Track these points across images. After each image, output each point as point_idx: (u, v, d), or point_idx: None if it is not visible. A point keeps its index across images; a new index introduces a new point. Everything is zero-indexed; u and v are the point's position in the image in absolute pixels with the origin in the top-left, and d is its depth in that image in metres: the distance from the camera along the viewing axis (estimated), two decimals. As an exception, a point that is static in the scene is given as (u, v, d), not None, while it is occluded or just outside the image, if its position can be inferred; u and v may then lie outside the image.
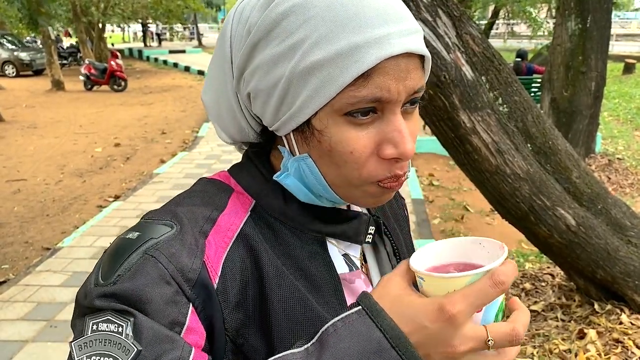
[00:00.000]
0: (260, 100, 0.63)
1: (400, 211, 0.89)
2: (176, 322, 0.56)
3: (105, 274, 0.57)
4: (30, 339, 3.32)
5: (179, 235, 0.60)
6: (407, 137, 0.60)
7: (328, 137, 0.60)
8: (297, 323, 0.63)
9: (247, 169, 0.72)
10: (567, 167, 2.92)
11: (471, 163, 2.76)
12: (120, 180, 6.92)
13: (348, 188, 0.64)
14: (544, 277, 3.73)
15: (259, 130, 0.69)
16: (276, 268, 0.64)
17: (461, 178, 6.24)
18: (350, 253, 0.74)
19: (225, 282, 0.61)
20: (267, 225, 0.68)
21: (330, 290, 0.68)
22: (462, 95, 2.54)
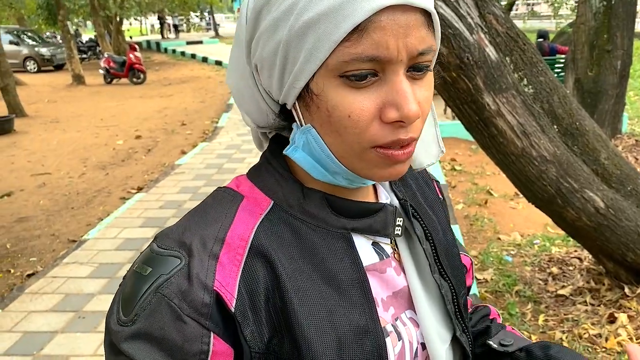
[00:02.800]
0: (266, 70, 0.61)
1: (433, 195, 0.85)
2: (200, 352, 0.58)
3: (125, 310, 0.59)
4: (59, 329, 3.37)
5: (187, 268, 0.59)
6: (410, 98, 0.56)
7: (325, 101, 0.57)
8: (321, 327, 0.61)
9: (264, 169, 0.70)
10: (595, 148, 2.85)
11: (496, 146, 2.71)
12: (143, 172, 6.97)
13: (351, 158, 0.60)
14: (571, 261, 3.67)
15: (277, 110, 0.66)
16: (295, 272, 0.62)
17: (484, 162, 6.16)
18: (380, 240, 0.71)
19: (244, 301, 0.59)
20: (286, 225, 0.65)
21: (356, 287, 0.65)
22: (486, 77, 2.48)
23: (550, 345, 0.79)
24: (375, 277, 0.68)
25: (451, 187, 5.69)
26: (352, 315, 0.63)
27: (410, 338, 0.70)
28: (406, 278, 0.72)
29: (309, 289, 0.62)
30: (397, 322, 0.69)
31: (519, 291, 3.47)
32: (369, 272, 0.68)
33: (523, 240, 4.26)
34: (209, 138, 8.71)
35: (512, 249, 4.11)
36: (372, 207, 0.68)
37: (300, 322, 0.60)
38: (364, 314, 0.64)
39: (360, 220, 0.67)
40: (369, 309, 0.64)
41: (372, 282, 0.67)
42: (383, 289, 0.69)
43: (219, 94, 13.14)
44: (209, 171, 6.79)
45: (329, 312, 0.62)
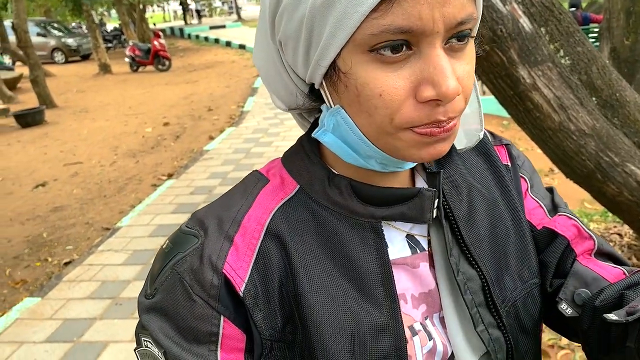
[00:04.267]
0: (290, 47, 0.57)
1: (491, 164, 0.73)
2: (210, 334, 0.58)
3: (149, 284, 0.62)
4: (97, 316, 3.43)
5: (200, 247, 0.59)
6: (448, 74, 0.50)
7: (354, 79, 0.52)
8: (337, 321, 0.58)
9: (295, 152, 0.68)
10: (636, 120, 2.74)
11: (532, 121, 2.62)
12: (172, 159, 7.03)
13: (384, 140, 0.55)
14: (611, 237, 3.56)
15: (307, 90, 0.61)
16: (311, 260, 0.60)
17: (516, 137, 6.01)
18: (415, 233, 0.66)
19: (255, 286, 0.59)
20: (308, 210, 0.62)
21: (378, 281, 0.60)
22: (521, 50, 2.39)
23: None
24: (405, 272, 0.64)
25: (483, 164, 5.58)
26: (371, 311, 0.59)
27: (442, 340, 0.64)
28: (435, 272, 0.65)
29: (323, 280, 0.60)
30: (426, 321, 0.64)
31: (557, 269, 3.39)
32: (398, 266, 0.63)
33: (559, 216, 4.15)
34: (235, 123, 8.72)
35: (549, 226, 4.01)
36: (405, 193, 0.61)
37: (313, 313, 0.58)
38: (383, 311, 0.60)
39: (391, 208, 0.61)
40: (390, 306, 0.60)
41: (401, 277, 0.63)
42: (415, 285, 0.64)
43: (243, 78, 13.13)
44: (237, 156, 6.81)
45: (344, 307, 0.59)
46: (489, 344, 0.64)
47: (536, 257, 0.71)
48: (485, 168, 0.73)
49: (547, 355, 2.66)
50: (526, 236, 0.71)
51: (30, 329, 3.35)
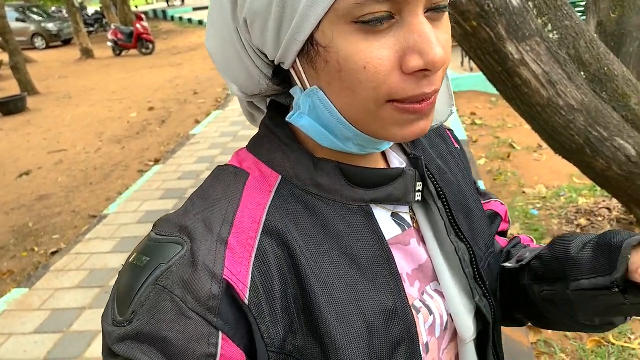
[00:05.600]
0: (258, 25, 0.52)
1: (446, 146, 0.77)
2: (206, 355, 0.49)
3: (121, 308, 0.51)
4: (86, 305, 3.40)
5: (190, 255, 0.51)
6: (434, 41, 0.48)
7: (335, 52, 0.49)
8: (348, 316, 0.54)
9: (266, 139, 0.62)
10: (624, 94, 2.72)
11: (520, 97, 2.60)
12: (158, 144, 6.94)
13: (365, 119, 0.53)
14: (599, 212, 3.57)
15: (270, 73, 0.58)
16: (315, 254, 0.55)
17: (505, 114, 6.01)
18: (399, 210, 0.65)
19: (258, 291, 0.52)
20: (299, 201, 0.58)
21: (380, 265, 0.58)
22: (508, 24, 2.35)
23: (555, 241, 0.73)
24: (399, 251, 0.63)
25: (472, 141, 5.57)
26: (379, 297, 0.57)
27: (439, 311, 0.65)
28: (426, 247, 0.66)
29: (331, 273, 0.55)
30: (424, 296, 0.64)
31: (547, 245, 3.40)
32: (393, 246, 0.61)
33: (548, 192, 4.16)
34: (221, 106, 8.63)
35: (538, 202, 4.02)
36: (390, 173, 0.61)
37: (322, 312, 0.53)
38: (391, 295, 0.58)
39: (378, 190, 0.60)
40: (396, 288, 0.58)
41: (397, 256, 0.61)
42: (408, 262, 0.64)
43: (228, 60, 12.95)
44: (224, 139, 6.74)
45: (354, 297, 0.55)
46: (486, 311, 0.68)
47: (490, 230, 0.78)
48: (445, 150, 0.76)
49: (538, 331, 2.68)
50: (484, 212, 0.77)
51: (18, 320, 3.32)
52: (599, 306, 0.66)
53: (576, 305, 0.68)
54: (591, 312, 0.69)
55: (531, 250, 0.77)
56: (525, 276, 0.74)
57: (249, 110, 0.68)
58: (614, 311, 0.66)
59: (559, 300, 0.70)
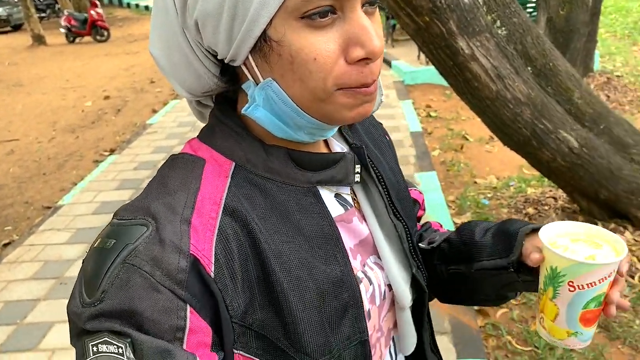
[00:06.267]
0: (211, 26, 0.56)
1: (380, 137, 0.86)
2: (176, 328, 0.52)
3: (90, 291, 0.52)
4: (41, 297, 3.35)
5: (156, 233, 0.54)
6: (373, 34, 0.55)
7: (287, 46, 0.54)
8: (302, 284, 0.61)
9: (218, 129, 0.66)
10: (568, 88, 2.86)
11: (471, 91, 2.70)
12: (114, 133, 6.82)
13: (318, 104, 0.58)
14: (546, 201, 3.73)
15: (218, 72, 0.62)
16: (270, 231, 0.60)
17: (459, 107, 6.16)
18: (341, 192, 0.71)
19: (222, 266, 0.56)
20: (253, 185, 0.62)
21: (329, 240, 0.65)
22: (460, 21, 2.44)
23: (461, 227, 0.86)
24: (343, 228, 0.69)
25: (427, 133, 5.70)
26: (329, 268, 0.63)
27: (378, 281, 0.72)
28: (367, 225, 0.73)
29: (286, 249, 0.61)
30: (365, 268, 0.71)
31: (497, 233, 3.54)
32: (338, 223, 0.68)
33: (499, 182, 4.32)
34: (179, 95, 8.52)
35: (489, 192, 4.17)
36: (332, 157, 0.67)
37: (280, 282, 0.59)
38: (338, 266, 0.64)
39: (323, 172, 0.66)
40: (343, 260, 0.65)
41: (341, 232, 0.68)
42: (351, 238, 0.70)
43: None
44: (182, 129, 6.68)
45: (308, 269, 0.61)
46: (422, 281, 0.77)
47: None
48: (380, 140, 0.84)
49: (487, 315, 2.80)
50: (410, 197, 0.86)
51: (-31, 313, 3.24)
52: (497, 283, 0.79)
53: (478, 282, 0.81)
54: (490, 289, 0.81)
55: (441, 234, 0.89)
56: (435, 257, 0.86)
57: (198, 109, 0.72)
58: (509, 288, 0.80)
59: (463, 278, 0.82)
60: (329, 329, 0.62)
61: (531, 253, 0.70)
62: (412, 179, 4.48)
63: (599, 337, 2.58)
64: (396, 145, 4.63)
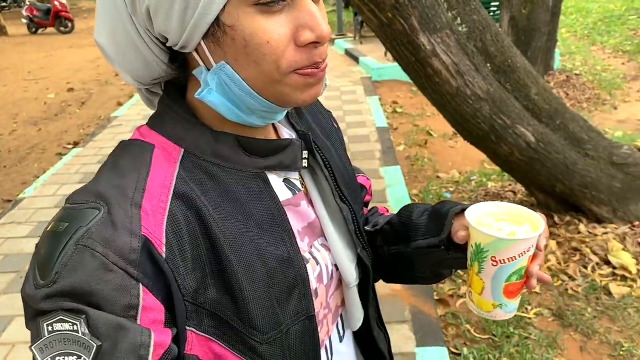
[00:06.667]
0: (163, 12, 0.58)
1: (328, 124, 0.89)
2: (130, 306, 0.53)
3: (43, 273, 0.53)
4: (1, 290, 3.29)
5: (108, 216, 0.55)
6: (320, 18, 0.59)
7: (241, 30, 0.57)
8: (251, 264, 0.63)
9: (167, 116, 0.67)
10: (526, 85, 2.96)
11: (432, 86, 2.77)
12: (78, 126, 6.71)
13: (272, 86, 0.61)
14: (506, 195, 3.84)
15: (167, 59, 0.64)
16: (220, 215, 0.63)
17: (424, 103, 6.25)
18: (290, 177, 0.74)
19: (172, 247, 0.57)
20: (202, 171, 0.64)
21: (276, 222, 0.68)
22: (421, 17, 2.50)
23: (402, 209, 0.91)
24: (291, 211, 0.72)
25: (392, 129, 5.78)
26: (277, 248, 0.66)
27: (325, 262, 0.76)
28: (315, 208, 0.76)
29: (235, 231, 0.63)
30: (312, 249, 0.75)
31: (458, 225, 3.63)
32: (286, 207, 0.71)
33: (461, 177, 4.42)
34: (146, 88, 8.41)
35: (451, 186, 4.26)
36: (280, 143, 0.70)
37: (230, 263, 0.61)
38: (285, 247, 0.68)
39: (271, 158, 0.69)
40: (290, 241, 0.68)
41: (289, 215, 0.71)
42: (298, 221, 0.74)
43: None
44: (148, 122, 6.60)
45: (256, 249, 0.64)
46: (367, 260, 0.81)
47: None
48: (328, 128, 0.88)
49: (447, 304, 2.88)
50: (357, 182, 0.90)
51: None
52: (431, 261, 0.85)
53: (415, 260, 0.86)
54: (426, 266, 0.87)
55: (384, 217, 0.94)
56: (378, 238, 0.91)
57: (147, 97, 0.73)
58: (443, 265, 0.85)
59: (402, 258, 0.88)
60: (277, 305, 0.65)
61: (458, 231, 0.76)
62: (377, 173, 4.55)
63: (553, 325, 2.68)
64: (362, 140, 4.67)
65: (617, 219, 3.17)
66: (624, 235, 3.09)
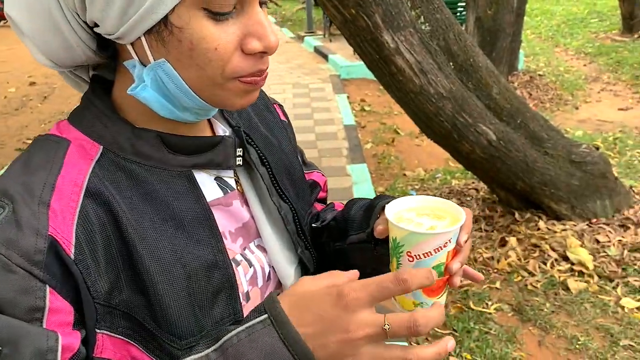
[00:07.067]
0: (102, 2, 0.54)
1: (274, 118, 0.86)
2: (34, 309, 0.51)
3: None
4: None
5: (12, 215, 0.53)
6: (269, 29, 0.59)
7: (189, 34, 0.55)
8: (169, 267, 0.60)
9: (87, 111, 0.64)
10: (487, 84, 3.00)
11: (396, 84, 2.79)
12: (40, 121, 6.54)
13: (212, 89, 0.60)
14: (469, 192, 3.90)
15: (95, 46, 0.60)
16: (137, 216, 0.60)
17: (392, 102, 6.26)
18: (223, 175, 0.72)
19: (83, 248, 0.55)
20: (121, 170, 0.62)
21: (201, 223, 0.65)
22: (385, 15, 2.51)
23: (347, 203, 0.88)
24: (221, 212, 0.69)
25: (360, 127, 5.81)
26: (200, 251, 0.63)
27: (261, 264, 0.74)
28: (250, 208, 0.74)
29: (152, 233, 0.60)
30: (245, 251, 0.72)
31: (422, 223, 3.67)
32: (214, 207, 0.68)
33: (426, 175, 4.47)
34: (111, 83, 8.26)
35: (417, 184, 4.31)
36: (210, 140, 0.68)
37: (146, 266, 0.59)
38: (211, 250, 0.65)
39: (200, 156, 0.67)
40: (216, 243, 0.66)
41: (218, 216, 0.68)
42: (230, 222, 0.71)
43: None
44: (112, 118, 6.49)
45: (176, 252, 0.61)
46: (308, 261, 0.79)
47: None
48: (272, 122, 0.86)
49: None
50: (305, 179, 0.87)
51: None
52: (366, 257, 0.79)
53: (352, 256, 0.82)
54: (362, 262, 0.80)
55: (332, 212, 0.91)
56: (324, 235, 0.87)
57: (73, 78, 0.69)
58: (380, 262, 0.77)
59: (342, 254, 0.84)
60: (199, 310, 0.62)
61: (378, 225, 0.72)
62: (344, 170, 4.57)
63: (512, 320, 2.73)
64: (330, 138, 4.67)
65: (576, 216, 3.25)
66: (581, 232, 3.17)
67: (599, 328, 2.62)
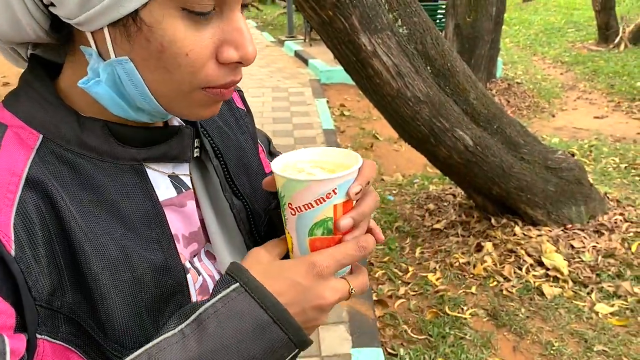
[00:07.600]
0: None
1: (230, 107, 0.79)
2: None
3: None
4: None
5: None
6: (249, 38, 0.53)
7: (160, 35, 0.50)
8: (116, 269, 0.55)
9: (25, 95, 0.57)
10: (465, 89, 3.00)
11: (373, 87, 2.77)
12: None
13: (175, 96, 0.55)
14: (446, 197, 3.90)
15: (47, 26, 0.54)
16: (81, 212, 0.54)
17: (371, 107, 6.23)
18: (178, 172, 0.65)
19: (23, 244, 0.49)
20: (62, 162, 0.55)
21: (152, 224, 0.59)
22: (362, 17, 2.50)
23: None
24: (174, 213, 0.63)
25: (340, 132, 5.80)
26: (149, 254, 0.58)
27: (208, 272, 0.67)
28: (201, 209, 0.68)
29: (99, 231, 0.55)
30: (194, 258, 0.66)
31: (399, 227, 3.66)
32: (166, 207, 0.62)
33: (404, 180, 4.46)
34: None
35: (394, 189, 4.30)
36: (166, 132, 0.62)
37: (90, 267, 0.53)
38: (162, 253, 0.59)
39: (153, 149, 0.61)
40: (167, 246, 0.60)
41: (171, 218, 0.62)
42: (184, 224, 0.65)
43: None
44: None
45: (124, 254, 0.56)
46: None
47: None
48: (227, 111, 0.78)
49: (386, 305, 2.89)
50: (264, 172, 0.79)
51: None
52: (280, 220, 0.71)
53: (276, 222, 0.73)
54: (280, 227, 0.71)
55: None
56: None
57: (14, 56, 0.62)
58: None
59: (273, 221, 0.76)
60: (147, 317, 0.57)
61: None
62: (321, 175, 4.55)
63: (488, 325, 2.72)
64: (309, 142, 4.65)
65: (551, 221, 3.26)
66: (557, 238, 3.18)
67: (573, 333, 2.63)
